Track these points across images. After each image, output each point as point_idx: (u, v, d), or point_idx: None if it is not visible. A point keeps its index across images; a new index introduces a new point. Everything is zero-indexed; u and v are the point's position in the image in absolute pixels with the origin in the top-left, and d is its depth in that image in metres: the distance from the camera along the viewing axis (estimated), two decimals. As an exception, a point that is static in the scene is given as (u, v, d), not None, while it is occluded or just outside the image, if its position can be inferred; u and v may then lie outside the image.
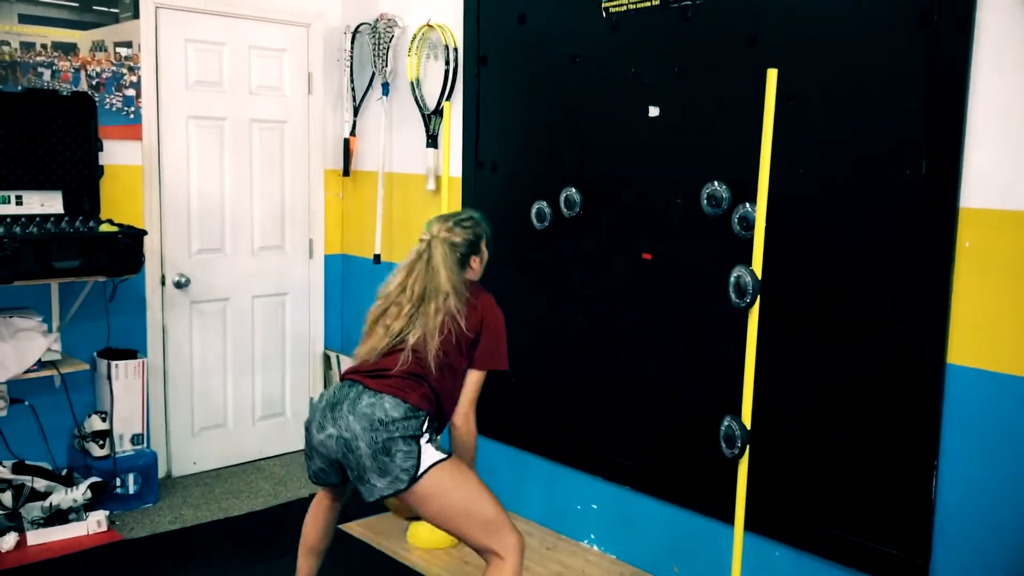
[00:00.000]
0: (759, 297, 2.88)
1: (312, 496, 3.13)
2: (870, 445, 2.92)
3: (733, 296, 2.93)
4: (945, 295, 2.73)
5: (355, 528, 3.99)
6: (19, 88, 3.91)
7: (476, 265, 3.02)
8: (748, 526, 3.08)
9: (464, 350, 2.88)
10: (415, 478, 2.64)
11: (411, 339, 2.79)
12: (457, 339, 2.84)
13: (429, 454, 2.68)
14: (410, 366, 2.77)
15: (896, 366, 2.84)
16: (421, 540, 3.86)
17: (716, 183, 3.19)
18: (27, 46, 3.97)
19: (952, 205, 2.70)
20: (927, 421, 2.79)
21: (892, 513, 2.87)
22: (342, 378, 2.87)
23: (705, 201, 3.23)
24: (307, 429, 2.84)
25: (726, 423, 2.99)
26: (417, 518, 3.52)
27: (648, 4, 3.43)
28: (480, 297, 2.95)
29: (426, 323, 2.80)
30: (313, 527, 3.08)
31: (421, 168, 4.54)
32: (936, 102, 2.71)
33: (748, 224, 3.06)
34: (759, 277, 2.87)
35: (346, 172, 4.98)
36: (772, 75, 2.80)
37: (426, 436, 2.71)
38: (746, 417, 2.95)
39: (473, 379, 2.94)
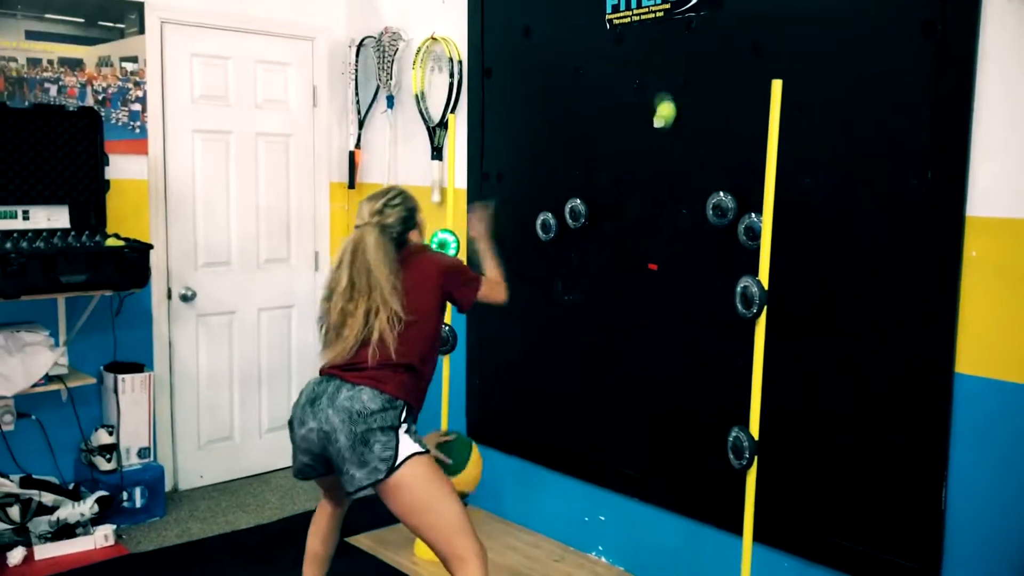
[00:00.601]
0: (766, 307, 2.88)
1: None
2: (879, 455, 2.91)
3: (740, 306, 2.92)
4: (952, 304, 2.73)
5: (362, 540, 3.98)
6: (26, 104, 3.93)
7: (416, 238, 2.98)
8: (756, 537, 3.07)
9: (436, 315, 2.90)
10: (393, 468, 2.66)
11: (374, 336, 2.76)
12: (405, 327, 2.78)
13: (407, 445, 2.70)
14: (382, 357, 2.76)
15: (904, 375, 2.83)
16: (428, 552, 3.84)
17: (722, 193, 3.19)
18: (34, 62, 3.99)
19: (958, 214, 2.70)
20: (936, 431, 2.78)
21: (901, 523, 2.86)
22: (320, 373, 2.87)
23: (711, 211, 3.23)
24: (290, 426, 2.87)
25: (734, 434, 2.98)
26: None
27: (652, 16, 3.44)
28: (433, 261, 2.96)
29: (377, 321, 2.77)
30: (315, 535, 3.11)
31: (426, 180, 4.55)
32: (941, 110, 2.71)
33: (754, 234, 3.06)
34: (766, 287, 2.86)
35: (351, 185, 4.99)
36: (777, 86, 2.80)
37: (404, 426, 2.73)
38: (754, 428, 2.94)
39: (483, 299, 3.01)
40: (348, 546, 3.86)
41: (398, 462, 2.66)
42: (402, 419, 2.74)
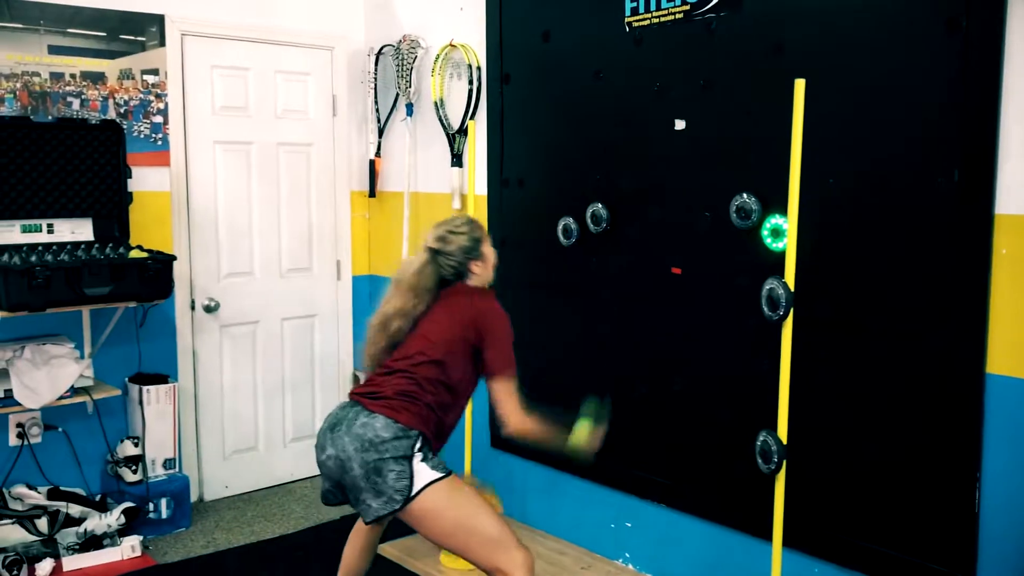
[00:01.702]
0: (792, 310, 2.85)
1: (345, 518, 3.12)
2: (910, 457, 2.86)
3: (766, 309, 2.89)
4: (982, 303, 2.68)
5: (388, 550, 3.97)
6: (49, 118, 3.96)
7: (479, 269, 2.94)
8: (786, 542, 3.03)
9: (461, 363, 2.82)
10: (409, 498, 2.62)
11: (400, 357, 2.79)
12: (429, 365, 2.78)
13: (424, 474, 2.65)
14: (404, 385, 2.75)
15: (934, 377, 2.79)
16: (455, 561, 3.83)
17: (745, 195, 3.16)
18: (57, 76, 4.02)
19: (987, 212, 2.66)
20: (967, 432, 2.73)
21: (934, 527, 2.82)
22: (349, 396, 2.87)
23: (734, 213, 3.20)
24: (316, 450, 2.86)
25: (762, 438, 2.94)
26: None
27: (672, 18, 3.42)
28: (479, 303, 2.86)
29: (405, 340, 2.81)
30: (351, 551, 3.09)
31: (446, 187, 4.54)
32: (968, 107, 2.67)
33: (779, 236, 3.03)
34: (792, 289, 2.83)
35: (372, 193, 5.00)
36: (800, 85, 2.78)
37: (419, 456, 2.67)
38: (782, 431, 2.91)
39: (497, 389, 2.81)
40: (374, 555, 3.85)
41: (414, 492, 2.62)
42: (416, 448, 2.67)
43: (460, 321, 2.82)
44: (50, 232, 3.91)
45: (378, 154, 4.97)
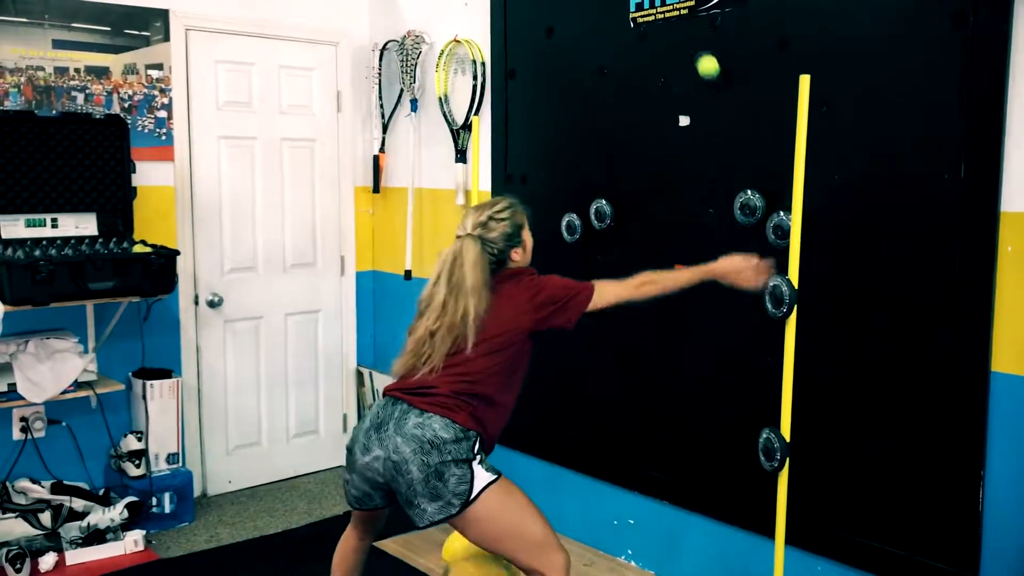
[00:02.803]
0: (796, 307, 2.84)
1: (347, 514, 3.10)
2: (914, 456, 2.85)
3: (770, 306, 2.88)
4: (988, 301, 2.67)
5: (389, 545, 3.97)
6: (54, 112, 3.96)
7: (518, 256, 2.81)
8: (789, 540, 3.02)
9: (522, 352, 2.72)
10: (467, 502, 2.53)
11: (454, 355, 2.63)
12: (482, 356, 2.65)
13: (481, 477, 2.56)
14: (459, 382, 2.62)
15: (939, 375, 2.78)
16: (455, 557, 3.82)
17: (749, 192, 3.15)
18: (61, 71, 4.02)
19: (993, 209, 2.64)
20: (972, 430, 2.72)
21: (938, 525, 2.81)
22: (384, 394, 2.73)
23: (738, 210, 3.19)
24: (349, 451, 2.69)
25: (765, 435, 2.93)
26: None
27: (676, 13, 3.40)
28: (532, 283, 2.75)
29: (463, 335, 2.62)
30: (340, 565, 2.96)
31: (451, 183, 4.54)
32: (974, 103, 2.65)
33: (783, 233, 3.02)
34: (796, 286, 2.82)
35: (376, 189, 5.00)
36: (804, 81, 2.76)
37: (478, 458, 2.59)
38: (785, 429, 2.89)
39: (601, 304, 2.77)
40: (376, 550, 3.84)
41: (473, 496, 2.53)
42: (475, 451, 2.59)
43: (525, 309, 2.69)
44: (54, 226, 3.91)
45: (382, 150, 4.96)
